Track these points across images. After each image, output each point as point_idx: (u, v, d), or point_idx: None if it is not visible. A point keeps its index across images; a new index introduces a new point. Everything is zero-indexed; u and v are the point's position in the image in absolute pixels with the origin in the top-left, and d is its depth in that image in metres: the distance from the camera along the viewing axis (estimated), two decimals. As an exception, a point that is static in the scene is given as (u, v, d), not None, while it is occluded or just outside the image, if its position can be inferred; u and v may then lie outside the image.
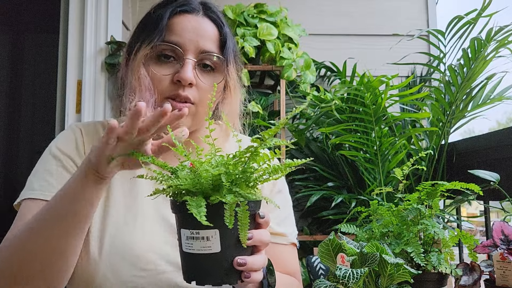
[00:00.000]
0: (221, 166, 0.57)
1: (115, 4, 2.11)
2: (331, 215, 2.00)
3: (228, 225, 0.54)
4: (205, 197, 0.56)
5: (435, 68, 1.91)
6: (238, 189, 0.57)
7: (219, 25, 0.88)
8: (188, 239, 0.57)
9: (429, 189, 0.79)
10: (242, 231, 0.56)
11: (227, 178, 0.56)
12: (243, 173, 0.58)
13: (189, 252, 0.58)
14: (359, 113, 1.86)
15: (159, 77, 0.83)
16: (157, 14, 0.86)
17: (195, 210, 0.53)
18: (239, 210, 0.56)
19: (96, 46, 2.03)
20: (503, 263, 0.73)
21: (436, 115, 1.86)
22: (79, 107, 2.00)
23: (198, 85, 0.84)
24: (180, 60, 0.83)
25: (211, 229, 0.55)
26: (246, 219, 0.56)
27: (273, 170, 0.59)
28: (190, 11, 0.86)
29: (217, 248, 0.56)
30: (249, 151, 0.58)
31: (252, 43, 2.01)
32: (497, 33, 1.58)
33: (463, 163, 1.88)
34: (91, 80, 2.01)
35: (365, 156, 1.91)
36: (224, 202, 0.55)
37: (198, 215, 0.52)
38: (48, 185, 0.81)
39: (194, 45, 0.83)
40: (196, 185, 0.56)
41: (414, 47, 2.23)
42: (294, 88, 2.24)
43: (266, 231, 0.63)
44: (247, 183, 0.59)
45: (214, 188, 0.57)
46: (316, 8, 2.50)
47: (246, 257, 0.59)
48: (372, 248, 0.68)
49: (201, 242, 0.56)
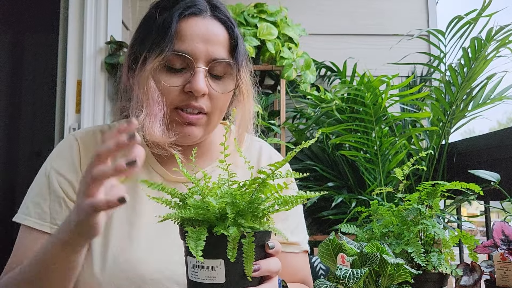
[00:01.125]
0: (228, 196, 0.55)
1: (115, 4, 2.11)
2: (331, 215, 2.00)
3: (230, 258, 0.53)
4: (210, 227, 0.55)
5: (435, 68, 1.91)
6: (244, 221, 0.55)
7: (229, 27, 0.83)
8: (194, 267, 0.56)
9: (430, 189, 0.79)
10: (247, 264, 0.55)
11: (232, 210, 0.54)
12: (250, 204, 0.56)
13: (195, 280, 0.57)
14: (359, 113, 1.86)
15: (169, 88, 0.78)
16: (163, 18, 0.80)
17: (192, 243, 0.52)
18: (244, 241, 0.54)
19: (96, 46, 2.03)
20: (504, 263, 0.73)
21: (436, 115, 1.86)
22: (79, 107, 2.00)
23: (211, 94, 0.80)
24: (191, 70, 0.79)
25: (216, 259, 0.54)
26: (252, 251, 0.54)
27: (283, 201, 0.57)
28: (198, 13, 0.80)
29: (222, 279, 0.55)
30: (257, 182, 0.56)
31: (252, 43, 2.01)
32: (497, 33, 1.58)
33: (463, 163, 1.88)
34: (91, 80, 2.01)
35: (365, 156, 1.91)
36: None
37: (194, 250, 0.51)
38: (42, 213, 0.80)
39: (204, 54, 0.79)
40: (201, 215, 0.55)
41: (414, 47, 2.23)
42: (294, 88, 2.23)
43: (276, 260, 0.60)
44: (254, 214, 0.57)
45: (220, 218, 0.55)
46: (316, 8, 2.50)
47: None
48: (372, 248, 0.68)
49: (206, 271, 0.55)
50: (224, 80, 0.82)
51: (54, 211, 0.80)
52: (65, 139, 0.88)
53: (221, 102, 0.82)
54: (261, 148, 0.98)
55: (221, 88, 0.81)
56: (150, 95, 0.78)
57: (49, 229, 0.79)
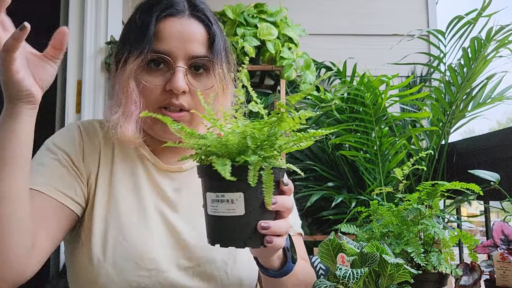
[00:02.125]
0: (248, 130, 0.57)
1: (115, 4, 2.11)
2: (331, 215, 2.00)
3: (251, 183, 0.55)
4: (231, 160, 0.57)
5: (435, 68, 1.91)
6: (263, 152, 0.57)
7: (206, 24, 0.85)
8: (213, 202, 0.58)
9: (429, 189, 0.79)
10: (267, 194, 0.57)
11: (253, 142, 0.56)
12: (269, 137, 0.58)
13: (214, 214, 0.59)
14: (359, 113, 1.86)
15: (150, 88, 0.81)
16: (142, 19, 0.83)
17: (220, 167, 0.53)
18: (263, 173, 0.57)
19: (96, 46, 2.03)
20: (503, 263, 0.73)
21: (436, 115, 1.86)
22: (79, 107, 2.01)
23: (191, 91, 0.82)
24: (171, 68, 0.82)
25: (236, 192, 0.56)
26: (271, 182, 0.57)
27: (297, 138, 0.59)
28: (176, 13, 0.83)
29: (241, 211, 0.57)
30: (275, 115, 0.57)
31: (252, 43, 2.01)
32: (497, 33, 1.58)
33: (463, 163, 1.88)
34: (91, 80, 2.01)
35: (365, 156, 1.91)
36: (249, 162, 0.55)
37: (223, 171, 0.53)
38: (40, 177, 0.79)
39: (183, 52, 0.81)
40: (223, 148, 0.57)
41: (414, 47, 2.23)
42: (294, 88, 2.24)
43: (290, 198, 0.64)
44: (271, 148, 0.59)
45: (240, 152, 0.57)
46: (316, 8, 2.50)
47: (270, 221, 0.59)
48: (372, 248, 0.68)
49: (225, 204, 0.57)
50: (203, 75, 0.85)
51: (55, 176, 0.80)
52: (66, 126, 0.92)
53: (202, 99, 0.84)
54: None
55: (201, 84, 0.84)
56: (129, 94, 0.81)
57: (45, 189, 0.78)
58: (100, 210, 0.83)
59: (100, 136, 0.89)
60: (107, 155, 0.88)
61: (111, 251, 0.79)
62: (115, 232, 0.81)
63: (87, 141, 0.87)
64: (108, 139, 0.89)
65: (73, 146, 0.85)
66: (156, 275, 0.80)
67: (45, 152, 0.84)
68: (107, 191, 0.85)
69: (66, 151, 0.84)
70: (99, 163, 0.86)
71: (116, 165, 0.87)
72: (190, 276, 0.83)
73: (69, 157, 0.83)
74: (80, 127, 0.89)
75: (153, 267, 0.80)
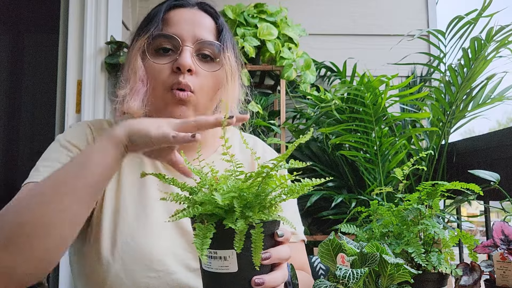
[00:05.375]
0: (235, 190, 0.57)
1: (115, 4, 2.11)
2: (331, 215, 2.00)
3: (236, 249, 0.55)
4: (221, 218, 0.57)
5: (435, 68, 1.91)
6: (251, 213, 0.56)
7: (214, 16, 0.91)
8: (207, 257, 0.58)
9: (429, 189, 0.79)
10: (256, 253, 0.56)
11: (239, 203, 0.56)
12: (257, 196, 0.57)
13: (208, 270, 0.59)
14: (359, 113, 1.86)
15: (158, 68, 0.84)
16: (153, 11, 0.90)
17: (199, 242, 0.54)
18: (253, 232, 0.56)
19: (96, 46, 2.03)
20: (503, 263, 0.73)
21: (436, 115, 1.86)
22: (79, 107, 2.00)
23: (198, 73, 0.85)
24: (178, 50, 0.85)
25: (228, 250, 0.56)
26: (260, 242, 0.56)
27: (289, 191, 0.59)
28: (185, 5, 0.90)
29: (235, 268, 0.57)
30: (261, 175, 0.57)
31: (252, 43, 2.01)
32: (497, 33, 1.58)
33: (463, 163, 1.88)
34: (91, 80, 2.01)
35: (365, 156, 1.91)
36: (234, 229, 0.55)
37: (200, 248, 0.53)
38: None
39: (191, 35, 0.86)
40: (209, 210, 0.57)
41: (414, 47, 2.23)
42: (294, 88, 2.23)
43: (285, 247, 0.62)
44: (262, 204, 0.58)
45: (229, 210, 0.57)
46: (316, 8, 2.50)
47: (264, 276, 0.58)
48: (372, 248, 0.68)
49: (219, 261, 0.57)
50: (209, 62, 0.88)
51: None
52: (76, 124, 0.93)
53: (207, 82, 0.87)
54: (255, 142, 1.04)
55: (207, 67, 0.87)
56: (136, 71, 0.84)
57: None
58: (109, 210, 0.83)
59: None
60: None
61: (120, 252, 0.79)
62: (124, 232, 0.80)
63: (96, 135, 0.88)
64: None
65: (86, 142, 0.86)
66: (164, 276, 0.79)
67: (61, 149, 0.84)
68: (115, 191, 0.85)
69: (81, 148, 0.84)
70: None
71: (124, 166, 0.87)
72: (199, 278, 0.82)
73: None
74: (90, 125, 0.90)
75: (162, 269, 0.79)
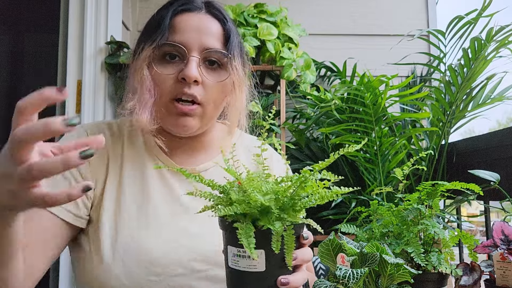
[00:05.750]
0: (272, 192, 0.59)
1: (115, 4, 2.11)
2: (331, 215, 2.00)
3: (275, 250, 0.56)
4: (253, 220, 0.58)
5: (435, 68, 1.91)
6: (286, 216, 0.58)
7: (222, 21, 0.87)
8: (235, 256, 0.59)
9: (429, 189, 0.79)
10: (288, 254, 0.58)
11: (276, 205, 0.58)
12: (291, 200, 0.59)
13: (235, 268, 0.60)
14: (359, 113, 1.86)
15: (163, 77, 0.82)
16: (159, 15, 0.85)
17: (245, 241, 0.55)
18: (285, 234, 0.58)
19: (96, 46, 2.03)
20: (503, 263, 0.73)
21: (436, 115, 1.86)
22: (79, 107, 2.00)
23: (204, 83, 0.82)
24: (184, 59, 0.82)
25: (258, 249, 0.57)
26: (292, 243, 0.58)
27: (319, 197, 0.61)
28: (192, 9, 0.85)
29: (262, 268, 0.58)
30: (300, 180, 0.59)
31: (252, 43, 2.01)
32: (497, 33, 1.58)
33: (463, 163, 1.88)
34: (91, 80, 2.01)
35: (365, 156, 1.91)
36: (271, 230, 0.57)
37: (248, 247, 0.54)
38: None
39: (197, 43, 0.82)
40: (246, 206, 0.58)
41: (414, 47, 2.23)
42: (294, 88, 2.23)
43: (308, 249, 0.64)
44: (293, 208, 0.60)
45: (262, 212, 0.58)
46: (316, 8, 2.50)
47: (289, 276, 0.60)
48: (372, 248, 0.68)
49: (247, 260, 0.58)
50: (217, 70, 0.85)
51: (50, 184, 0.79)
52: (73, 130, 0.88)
53: (214, 92, 0.84)
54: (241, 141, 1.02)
55: (214, 77, 0.84)
56: (143, 82, 0.81)
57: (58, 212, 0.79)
58: (108, 215, 0.82)
59: (109, 139, 0.88)
60: (116, 159, 0.87)
61: (121, 254, 0.78)
62: (124, 235, 0.80)
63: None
64: (117, 142, 0.88)
65: None
66: (166, 279, 0.79)
67: None
68: (115, 196, 0.84)
69: None
70: (107, 168, 0.85)
71: (126, 168, 0.86)
72: (201, 280, 0.82)
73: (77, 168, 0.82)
74: (87, 132, 0.87)
75: (163, 271, 0.79)
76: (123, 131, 0.91)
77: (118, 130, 0.91)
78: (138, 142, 0.90)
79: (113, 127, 0.91)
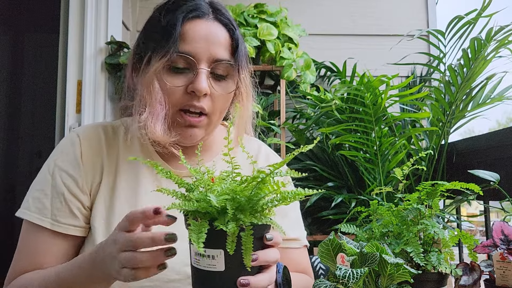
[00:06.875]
0: (229, 192, 0.58)
1: (115, 4, 2.11)
2: (331, 215, 2.00)
3: (229, 251, 0.56)
4: (212, 219, 0.58)
5: (435, 68, 1.91)
6: (243, 216, 0.58)
7: (230, 29, 0.85)
8: (196, 255, 0.59)
9: (429, 189, 0.79)
10: (246, 255, 0.57)
11: (232, 206, 0.57)
12: (249, 200, 0.58)
13: (197, 267, 0.60)
14: (359, 113, 1.86)
15: (172, 89, 0.81)
16: (167, 20, 0.82)
17: (194, 236, 0.55)
18: (243, 234, 0.57)
19: (96, 46, 2.03)
20: (503, 263, 0.73)
21: (436, 115, 1.86)
22: (79, 107, 2.01)
23: (212, 95, 0.82)
24: (194, 70, 0.81)
25: (216, 249, 0.57)
26: (250, 244, 0.57)
27: (281, 197, 0.60)
28: (201, 16, 0.83)
29: (222, 267, 0.58)
30: (256, 180, 0.58)
31: (252, 43, 2.01)
32: (497, 33, 1.58)
33: (463, 163, 1.88)
34: (91, 80, 2.01)
35: (365, 156, 1.91)
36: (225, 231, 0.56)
37: (196, 242, 0.54)
38: (43, 208, 0.82)
39: (206, 54, 0.81)
40: (204, 208, 0.58)
41: (414, 47, 2.23)
42: (294, 88, 2.24)
43: (274, 250, 0.63)
44: (254, 208, 0.59)
45: (221, 211, 0.58)
46: (316, 8, 2.50)
47: (250, 277, 0.59)
48: (372, 248, 0.68)
49: (207, 259, 0.58)
50: (225, 81, 0.85)
51: (55, 208, 0.82)
52: (66, 137, 0.90)
53: (221, 103, 0.85)
54: (260, 147, 1.02)
55: (223, 89, 0.84)
56: (154, 95, 0.80)
57: (50, 225, 0.81)
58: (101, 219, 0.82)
59: (103, 143, 0.88)
60: (111, 163, 0.86)
61: None
62: None
63: (89, 153, 0.86)
64: (112, 146, 0.88)
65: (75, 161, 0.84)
66: (160, 285, 0.79)
67: (48, 177, 0.84)
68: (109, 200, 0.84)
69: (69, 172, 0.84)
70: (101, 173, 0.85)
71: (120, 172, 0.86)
72: None
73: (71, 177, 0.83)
74: (79, 137, 0.87)
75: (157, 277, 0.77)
76: (118, 135, 0.90)
77: (114, 133, 0.90)
78: (134, 145, 0.89)
79: (108, 130, 0.90)
